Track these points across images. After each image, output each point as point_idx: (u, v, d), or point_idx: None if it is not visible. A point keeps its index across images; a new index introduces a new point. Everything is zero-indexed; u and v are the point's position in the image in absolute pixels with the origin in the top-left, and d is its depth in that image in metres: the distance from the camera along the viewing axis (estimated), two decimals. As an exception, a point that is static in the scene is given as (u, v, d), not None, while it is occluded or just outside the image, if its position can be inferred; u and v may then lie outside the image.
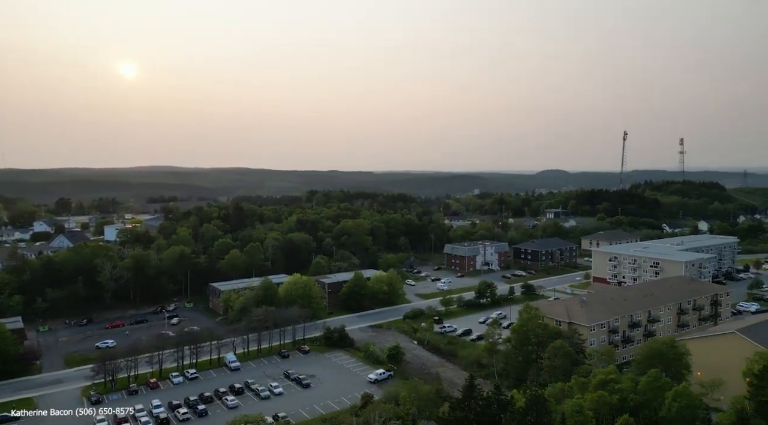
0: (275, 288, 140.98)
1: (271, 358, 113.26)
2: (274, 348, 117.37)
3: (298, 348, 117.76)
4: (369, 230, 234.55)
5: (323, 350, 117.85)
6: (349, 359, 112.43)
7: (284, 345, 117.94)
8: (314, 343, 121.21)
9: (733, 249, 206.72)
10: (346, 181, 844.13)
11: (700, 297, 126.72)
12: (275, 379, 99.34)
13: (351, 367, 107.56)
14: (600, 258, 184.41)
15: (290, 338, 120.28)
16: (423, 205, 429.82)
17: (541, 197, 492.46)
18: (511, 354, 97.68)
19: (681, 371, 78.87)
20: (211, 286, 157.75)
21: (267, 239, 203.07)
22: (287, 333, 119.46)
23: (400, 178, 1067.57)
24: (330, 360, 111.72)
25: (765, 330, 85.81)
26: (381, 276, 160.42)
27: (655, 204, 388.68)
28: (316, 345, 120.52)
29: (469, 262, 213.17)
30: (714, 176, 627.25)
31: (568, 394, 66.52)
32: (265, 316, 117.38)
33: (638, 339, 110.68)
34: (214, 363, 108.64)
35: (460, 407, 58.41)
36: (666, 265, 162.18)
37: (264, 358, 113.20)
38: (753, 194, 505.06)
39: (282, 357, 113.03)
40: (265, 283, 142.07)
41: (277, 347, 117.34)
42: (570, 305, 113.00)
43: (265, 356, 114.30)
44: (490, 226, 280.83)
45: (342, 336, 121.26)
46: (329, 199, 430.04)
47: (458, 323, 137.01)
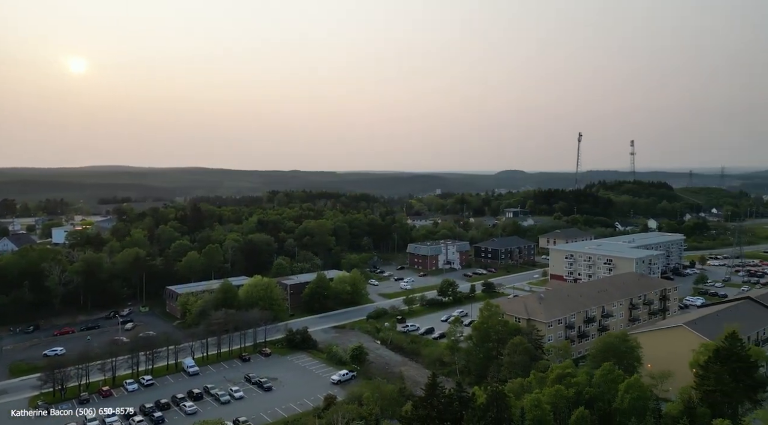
0: (235, 291, 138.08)
1: (232, 362, 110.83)
2: (235, 351, 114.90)
3: (259, 351, 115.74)
4: (332, 230, 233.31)
5: (285, 352, 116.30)
6: (311, 360, 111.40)
7: (245, 349, 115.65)
8: (276, 346, 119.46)
9: (680, 246, 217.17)
10: (308, 181, 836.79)
11: (650, 292, 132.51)
12: (236, 383, 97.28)
13: (314, 369, 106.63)
14: (557, 256, 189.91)
15: (251, 341, 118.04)
16: (386, 205, 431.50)
17: (501, 196, 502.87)
18: (473, 351, 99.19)
19: (633, 364, 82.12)
20: (168, 289, 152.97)
21: (226, 240, 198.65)
22: (248, 336, 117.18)
23: (363, 178, 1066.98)
24: (292, 363, 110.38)
25: (710, 323, 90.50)
26: (344, 277, 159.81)
27: (608, 203, 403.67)
28: (278, 347, 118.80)
29: (431, 261, 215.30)
30: (662, 177, 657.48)
31: (527, 389, 68.04)
32: (224, 319, 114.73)
33: (593, 333, 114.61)
34: (171, 369, 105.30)
35: (422, 405, 58.78)
36: (618, 262, 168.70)
37: (224, 362, 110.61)
38: (698, 194, 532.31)
39: (243, 361, 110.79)
40: (225, 285, 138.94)
41: (237, 350, 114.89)
42: (528, 302, 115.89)
43: (225, 360, 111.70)
44: (452, 225, 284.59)
45: (304, 337, 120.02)
46: (291, 199, 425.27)
47: (421, 322, 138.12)
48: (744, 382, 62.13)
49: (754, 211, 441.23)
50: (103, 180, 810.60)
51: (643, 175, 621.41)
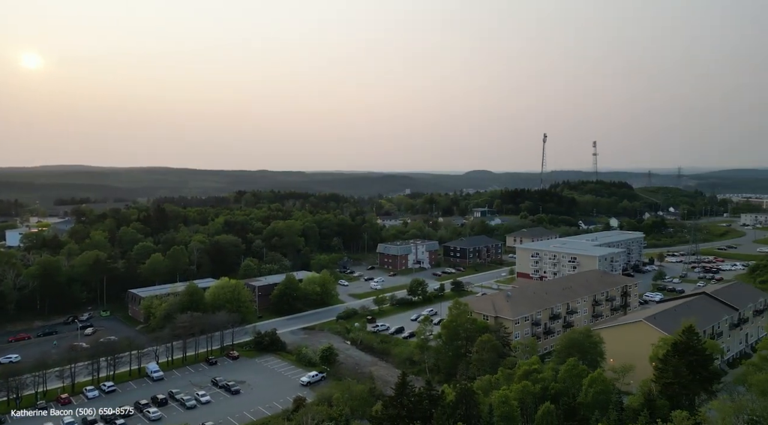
0: (201, 293, 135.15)
1: (198, 366, 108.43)
2: (201, 355, 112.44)
3: (226, 354, 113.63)
4: (301, 231, 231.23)
5: (253, 355, 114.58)
6: (280, 363, 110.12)
7: (212, 352, 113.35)
8: (244, 348, 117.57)
9: (639, 244, 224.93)
10: (276, 181, 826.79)
11: (612, 289, 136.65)
12: (202, 387, 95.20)
13: (283, 371, 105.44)
14: (523, 255, 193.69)
15: (218, 344, 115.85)
16: (356, 205, 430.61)
17: (469, 196, 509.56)
18: (442, 349, 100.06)
19: (596, 358, 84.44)
20: (131, 293, 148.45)
21: (192, 242, 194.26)
22: (215, 339, 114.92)
23: (332, 178, 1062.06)
24: (261, 365, 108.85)
25: (668, 318, 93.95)
26: (314, 277, 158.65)
27: (571, 203, 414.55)
28: (246, 350, 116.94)
29: (401, 261, 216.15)
30: (623, 177, 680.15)
31: (495, 386, 69.08)
32: (190, 322, 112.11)
33: (558, 330, 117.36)
34: (134, 374, 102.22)
35: (392, 404, 58.96)
36: (582, 260, 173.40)
37: (190, 366, 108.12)
38: (656, 193, 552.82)
39: (209, 364, 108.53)
40: (191, 288, 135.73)
41: (204, 354, 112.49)
42: (496, 300, 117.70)
43: (191, 364, 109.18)
44: (422, 225, 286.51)
45: (273, 339, 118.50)
46: (259, 199, 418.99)
47: (391, 321, 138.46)
48: (700, 374, 64.76)
49: (709, 209, 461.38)
50: (60, 180, 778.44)
51: (605, 175, 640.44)
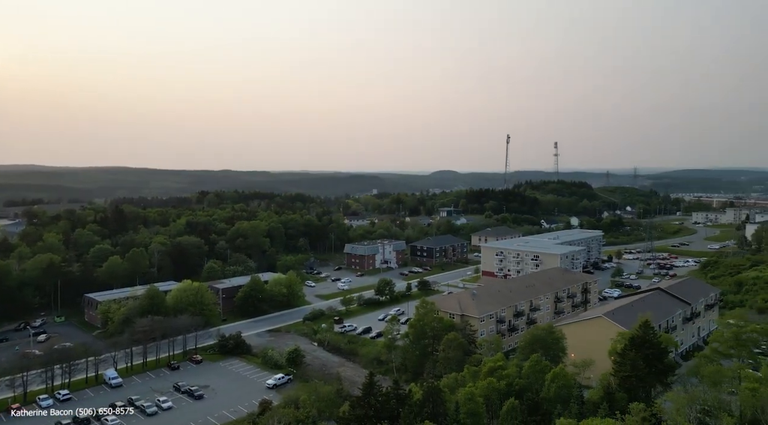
0: (162, 296, 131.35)
1: (159, 371, 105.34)
2: (163, 360, 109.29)
3: (189, 358, 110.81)
4: (266, 231, 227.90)
5: (218, 358, 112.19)
6: (245, 366, 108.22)
7: (174, 357, 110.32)
8: (208, 352, 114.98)
9: (599, 242, 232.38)
10: (240, 181, 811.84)
11: (573, 286, 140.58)
12: (164, 393, 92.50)
13: (248, 374, 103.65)
14: (488, 253, 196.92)
15: (181, 348, 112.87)
16: (322, 205, 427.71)
17: (435, 196, 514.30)
18: (409, 348, 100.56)
19: (558, 354, 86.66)
20: (87, 297, 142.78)
21: (152, 243, 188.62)
22: (177, 344, 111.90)
23: (298, 178, 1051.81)
24: (225, 369, 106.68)
25: (626, 313, 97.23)
26: (280, 279, 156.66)
27: (534, 202, 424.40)
28: (209, 353, 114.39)
29: (368, 261, 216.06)
30: (582, 177, 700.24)
31: (462, 383, 69.87)
32: (151, 327, 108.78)
33: (522, 326, 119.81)
34: (91, 382, 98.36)
35: (359, 405, 58.80)
36: (545, 258, 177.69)
37: (150, 372, 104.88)
38: (614, 192, 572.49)
39: (171, 369, 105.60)
40: (151, 291, 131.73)
41: (165, 359, 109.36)
42: (462, 298, 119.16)
43: (151, 369, 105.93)
44: (389, 225, 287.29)
45: (238, 342, 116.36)
46: (222, 200, 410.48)
47: (358, 321, 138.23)
48: (656, 367, 67.29)
49: (663, 208, 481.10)
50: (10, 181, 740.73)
51: (566, 175, 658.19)
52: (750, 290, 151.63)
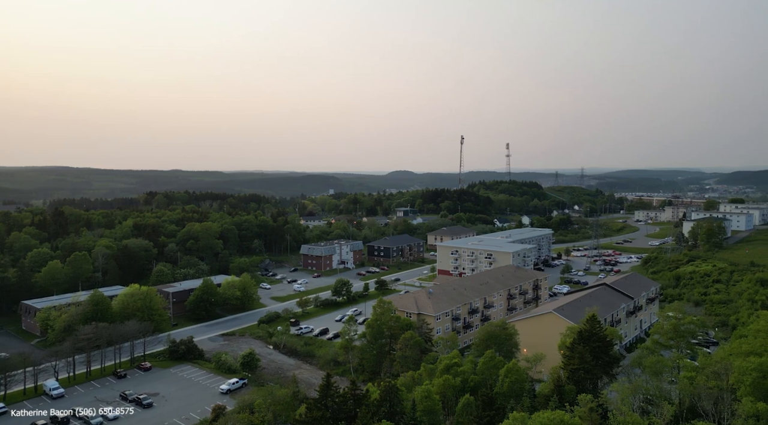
0: (108, 302, 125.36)
1: (105, 380, 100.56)
2: (108, 368, 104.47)
3: (137, 365, 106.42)
4: (219, 233, 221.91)
5: (168, 365, 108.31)
6: (198, 371, 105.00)
7: (120, 364, 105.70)
8: (157, 359, 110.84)
9: (548, 240, 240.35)
10: (191, 181, 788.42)
11: (525, 283, 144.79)
12: (110, 403, 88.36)
13: (201, 380, 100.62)
14: (443, 252, 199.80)
15: (128, 355, 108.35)
16: (278, 205, 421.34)
17: (392, 196, 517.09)
18: (366, 348, 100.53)
19: (511, 350, 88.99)
20: (24, 304, 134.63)
21: (96, 247, 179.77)
22: (124, 351, 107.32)
23: (252, 178, 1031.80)
24: (176, 375, 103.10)
25: (574, 308, 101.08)
26: (233, 281, 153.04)
27: (487, 202, 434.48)
28: (159, 360, 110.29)
29: (325, 262, 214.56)
30: (533, 177, 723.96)
31: (418, 381, 70.53)
32: (95, 334, 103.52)
33: (477, 323, 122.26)
34: (30, 393, 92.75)
35: (316, 407, 58.27)
36: (498, 256, 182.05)
37: (95, 381, 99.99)
38: (562, 192, 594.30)
39: (118, 378, 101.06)
40: (95, 297, 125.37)
41: (111, 367, 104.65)
42: (418, 297, 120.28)
43: (96, 378, 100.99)
44: (346, 225, 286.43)
45: (189, 347, 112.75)
46: (172, 201, 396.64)
47: (315, 323, 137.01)
48: (602, 359, 70.30)
49: (608, 207, 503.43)
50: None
51: (517, 175, 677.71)
52: (687, 284, 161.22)
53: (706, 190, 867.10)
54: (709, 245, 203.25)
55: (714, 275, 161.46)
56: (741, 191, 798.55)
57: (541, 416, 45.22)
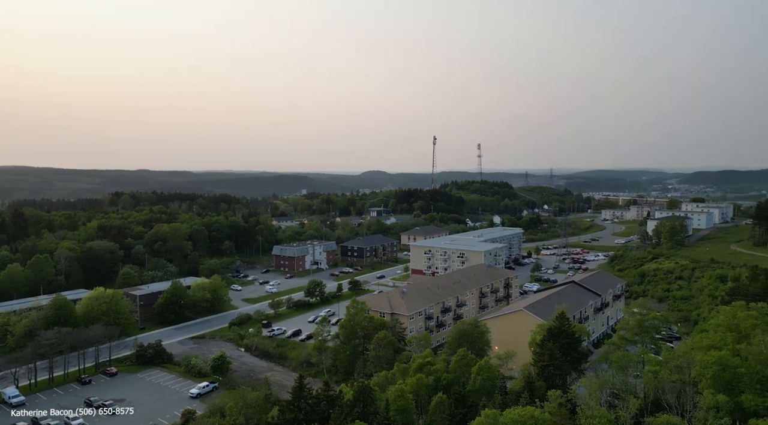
0: (71, 306, 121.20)
1: (68, 386, 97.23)
2: (72, 374, 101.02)
3: (103, 371, 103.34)
4: (188, 234, 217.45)
5: (135, 369, 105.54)
6: (167, 375, 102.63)
7: (85, 370, 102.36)
8: (124, 363, 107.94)
9: (519, 239, 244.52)
10: (158, 181, 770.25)
11: (496, 282, 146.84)
12: (74, 410, 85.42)
13: (169, 384, 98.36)
14: (417, 252, 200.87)
15: (93, 361, 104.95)
16: (249, 206, 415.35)
17: (365, 196, 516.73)
18: (340, 349, 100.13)
19: (483, 347, 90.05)
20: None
21: (59, 249, 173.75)
22: (89, 356, 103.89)
23: (223, 178, 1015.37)
24: (144, 380, 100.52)
25: (544, 305, 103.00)
26: (203, 283, 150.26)
27: (460, 201, 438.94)
28: (126, 365, 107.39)
29: (298, 262, 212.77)
30: (504, 177, 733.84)
31: (392, 381, 70.61)
32: (57, 339, 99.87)
33: (449, 322, 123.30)
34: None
35: (289, 409, 57.69)
36: (470, 255, 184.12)
37: (58, 388, 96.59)
38: (532, 192, 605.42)
39: (82, 384, 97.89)
40: (58, 301, 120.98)
41: (75, 373, 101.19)
42: (392, 297, 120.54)
43: (59, 385, 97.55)
44: (319, 226, 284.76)
45: (158, 351, 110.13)
46: (139, 201, 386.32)
47: (288, 324, 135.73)
48: (571, 355, 71.83)
49: (576, 206, 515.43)
50: None
51: (489, 175, 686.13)
52: (651, 281, 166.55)
53: (669, 190, 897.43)
54: (672, 243, 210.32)
55: (676, 272, 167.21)
56: (701, 190, 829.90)
57: (513, 412, 45.90)
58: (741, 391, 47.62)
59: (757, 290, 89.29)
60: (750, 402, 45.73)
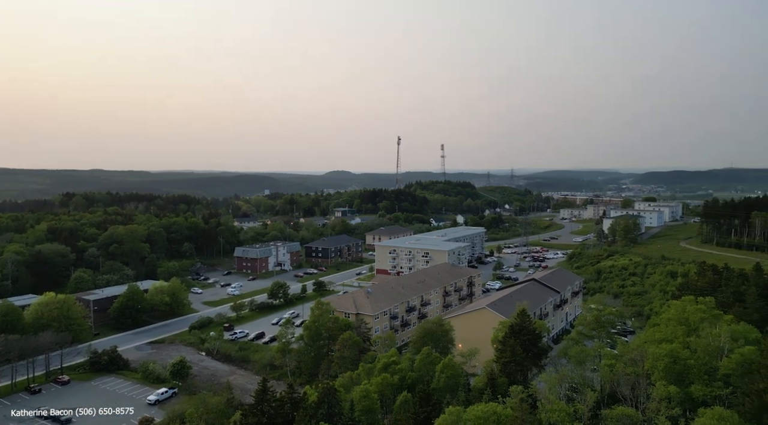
0: (19, 312, 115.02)
1: (16, 397, 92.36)
2: (20, 383, 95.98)
3: (54, 379, 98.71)
4: (145, 236, 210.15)
5: (89, 377, 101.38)
6: (123, 382, 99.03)
7: (34, 379, 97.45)
8: (77, 371, 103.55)
9: (481, 238, 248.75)
10: (113, 182, 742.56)
11: (460, 280, 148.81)
12: (22, 421, 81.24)
13: (126, 391, 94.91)
14: (382, 251, 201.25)
15: (43, 369, 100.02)
16: (210, 207, 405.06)
17: (330, 196, 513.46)
18: (304, 351, 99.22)
19: (447, 346, 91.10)
20: None
21: (5, 253, 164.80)
22: (38, 364, 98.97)
23: (182, 178, 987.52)
24: (98, 388, 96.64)
25: (507, 303, 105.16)
26: (161, 286, 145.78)
27: (424, 201, 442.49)
28: (79, 372, 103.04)
29: (261, 264, 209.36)
30: (467, 177, 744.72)
31: (357, 381, 70.41)
32: (4, 347, 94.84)
33: (414, 321, 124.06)
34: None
35: (252, 413, 56.68)
36: (434, 254, 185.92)
37: (5, 398, 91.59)
38: (494, 192, 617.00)
39: (31, 393, 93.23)
40: (4, 307, 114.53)
41: (23, 382, 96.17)
42: (357, 297, 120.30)
43: (6, 395, 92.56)
44: (282, 226, 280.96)
45: (113, 357, 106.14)
46: (92, 202, 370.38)
47: (251, 327, 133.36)
48: (532, 351, 73.62)
49: (536, 206, 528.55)
50: None
51: (452, 176, 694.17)
52: (607, 278, 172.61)
53: (623, 189, 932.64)
54: (626, 240, 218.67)
55: (630, 269, 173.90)
56: (653, 190, 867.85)
57: (476, 409, 46.55)
58: (690, 382, 49.89)
59: (704, 285, 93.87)
60: (699, 392, 47.98)
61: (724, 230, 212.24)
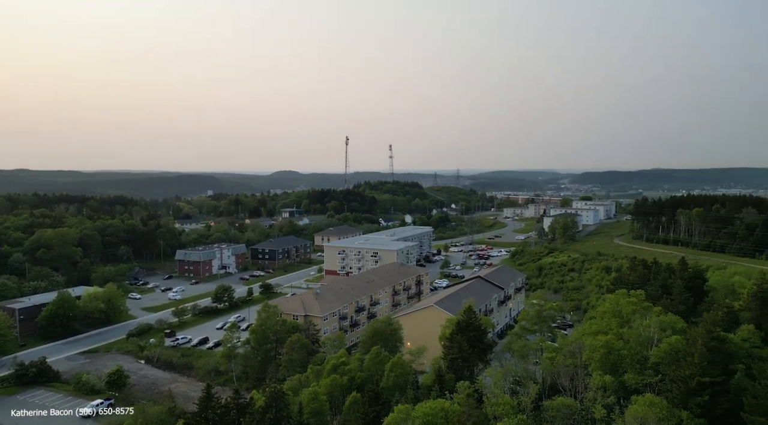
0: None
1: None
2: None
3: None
4: (77, 240, 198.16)
5: (14, 391, 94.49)
6: (53, 395, 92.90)
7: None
8: (2, 385, 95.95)
9: (429, 237, 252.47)
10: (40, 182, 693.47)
11: (409, 279, 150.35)
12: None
13: (57, 404, 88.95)
14: (331, 252, 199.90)
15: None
16: (148, 208, 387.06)
17: (277, 197, 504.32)
18: (251, 355, 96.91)
19: (396, 344, 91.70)
20: None
21: None
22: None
23: (118, 178, 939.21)
24: (26, 402, 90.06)
25: (453, 300, 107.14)
26: (96, 293, 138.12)
27: (373, 201, 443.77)
28: (4, 386, 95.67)
29: (204, 267, 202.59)
30: (414, 177, 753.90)
31: (305, 384, 69.54)
32: None
33: (363, 321, 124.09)
34: None
35: (195, 420, 54.64)
36: (383, 254, 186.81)
37: None
38: (441, 191, 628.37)
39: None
40: None
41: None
42: (305, 298, 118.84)
43: None
44: (227, 228, 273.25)
45: (41, 369, 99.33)
46: (16, 204, 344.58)
47: (193, 333, 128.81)
48: (478, 347, 75.33)
49: (481, 205, 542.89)
50: None
51: (400, 176, 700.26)
52: (548, 274, 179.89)
53: (562, 189, 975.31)
54: (565, 238, 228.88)
55: (569, 265, 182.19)
56: (589, 189, 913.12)
57: (424, 406, 47.08)
58: (624, 371, 52.73)
59: (635, 279, 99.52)
60: (631, 380, 50.77)
61: (653, 227, 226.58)
